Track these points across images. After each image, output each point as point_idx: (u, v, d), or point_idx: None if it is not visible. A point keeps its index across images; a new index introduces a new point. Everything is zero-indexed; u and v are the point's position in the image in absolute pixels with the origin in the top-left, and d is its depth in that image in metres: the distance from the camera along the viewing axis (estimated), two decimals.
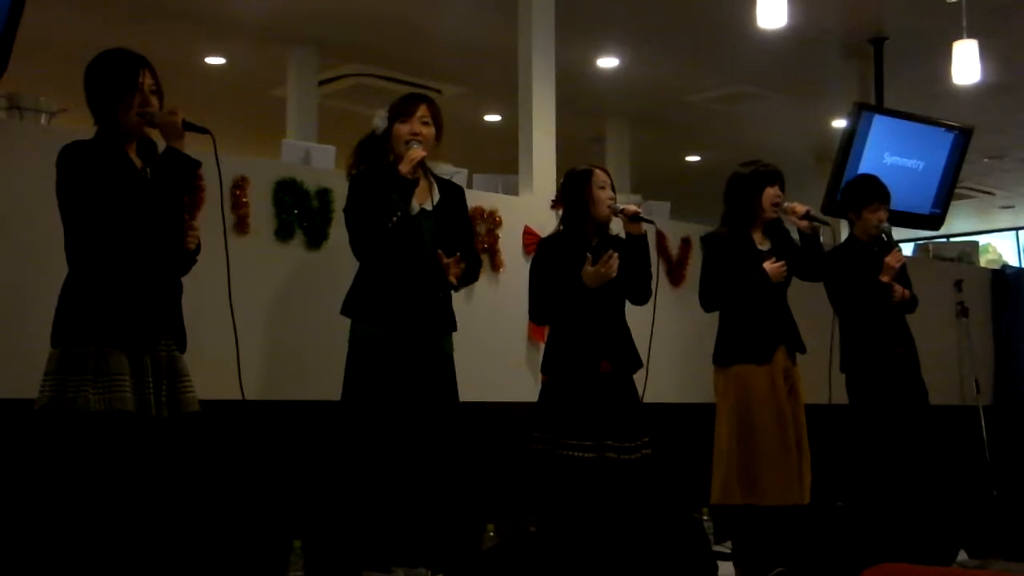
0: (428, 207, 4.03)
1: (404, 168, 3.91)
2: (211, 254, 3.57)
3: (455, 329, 4.09)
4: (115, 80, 3.29)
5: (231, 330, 3.57)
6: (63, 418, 3.13)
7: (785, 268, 4.53)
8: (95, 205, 3.20)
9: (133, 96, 3.29)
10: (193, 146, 3.37)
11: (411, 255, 3.94)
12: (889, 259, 5.07)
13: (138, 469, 3.20)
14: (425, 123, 4.02)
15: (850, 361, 5.16)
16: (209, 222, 4.03)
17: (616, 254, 4.16)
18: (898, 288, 5.10)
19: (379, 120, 4.04)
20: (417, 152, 3.93)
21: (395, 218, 3.87)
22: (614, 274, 4.16)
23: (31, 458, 3.36)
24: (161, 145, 3.38)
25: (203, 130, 3.37)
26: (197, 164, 3.34)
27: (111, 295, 3.21)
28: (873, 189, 5.22)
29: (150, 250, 3.29)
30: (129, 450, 3.17)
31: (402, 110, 4.03)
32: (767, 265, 4.50)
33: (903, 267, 5.17)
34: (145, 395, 3.22)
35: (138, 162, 3.34)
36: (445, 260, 3.95)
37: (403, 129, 4.00)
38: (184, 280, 3.47)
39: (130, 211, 3.22)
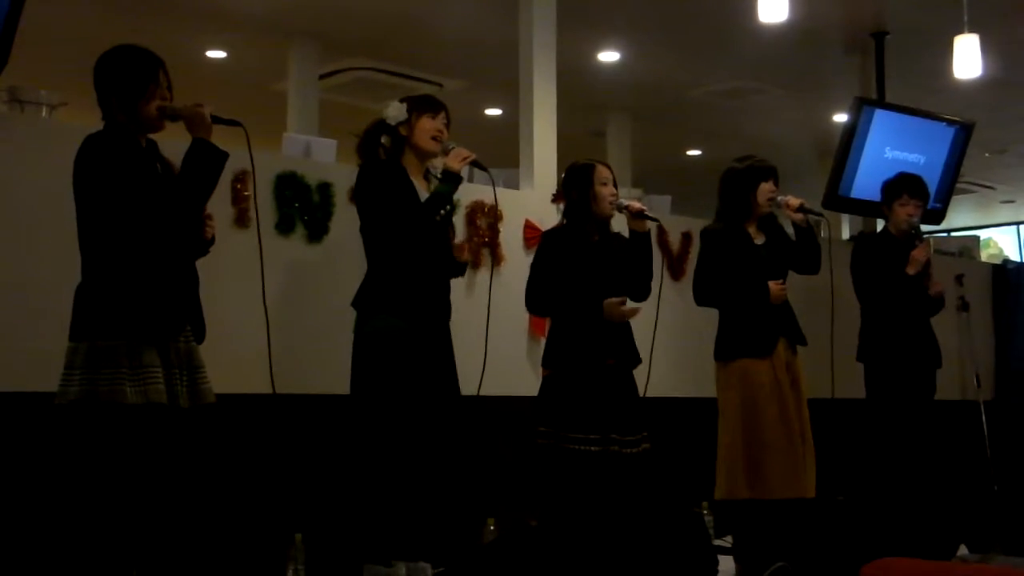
0: None
1: (455, 164, 3.96)
2: (221, 251, 3.58)
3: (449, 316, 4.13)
4: (136, 74, 3.28)
5: (240, 324, 3.58)
6: (98, 412, 3.11)
7: (786, 290, 4.56)
8: (122, 194, 3.17)
9: (155, 90, 3.28)
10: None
11: (439, 247, 4.00)
12: (915, 252, 5.14)
13: (166, 459, 3.21)
14: (445, 124, 4.07)
15: (868, 352, 5.19)
16: (225, 222, 4.04)
17: (640, 307, 4.25)
18: (936, 282, 5.16)
19: (396, 111, 4.03)
20: (467, 152, 3.99)
21: (443, 212, 3.94)
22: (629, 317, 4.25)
23: (62, 452, 3.35)
24: (164, 144, 3.38)
25: (233, 123, 3.38)
26: (225, 156, 3.33)
27: (138, 287, 3.19)
28: (905, 183, 5.28)
29: (173, 241, 3.28)
30: (164, 441, 3.19)
31: (429, 106, 4.08)
32: (772, 284, 4.51)
33: (928, 263, 5.21)
34: (173, 386, 3.23)
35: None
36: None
37: (430, 125, 4.04)
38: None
39: (153, 203, 3.20)
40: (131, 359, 3.14)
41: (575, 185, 4.35)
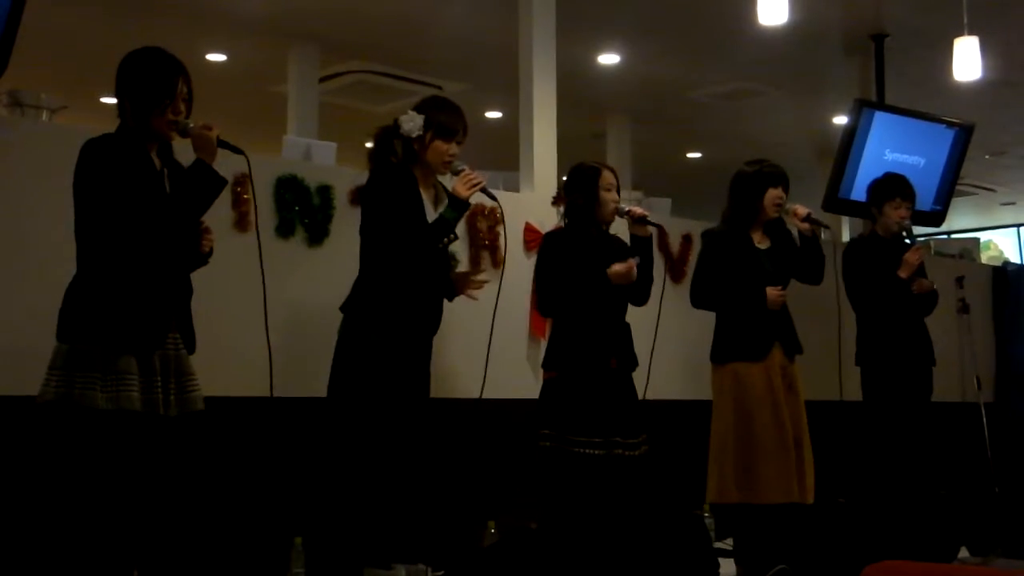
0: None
1: (464, 191, 3.91)
2: (220, 254, 3.58)
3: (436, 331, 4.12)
4: (155, 84, 3.28)
5: (239, 326, 3.58)
6: (69, 415, 3.13)
7: (784, 297, 4.55)
8: (115, 201, 3.18)
9: (170, 103, 3.28)
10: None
11: (440, 267, 4.00)
12: (908, 256, 5.11)
13: (145, 467, 3.20)
14: (459, 143, 4.00)
15: (865, 356, 5.19)
16: (224, 225, 4.03)
17: (636, 259, 4.23)
18: (920, 280, 5.14)
19: (411, 124, 3.93)
20: (477, 176, 3.93)
21: (447, 240, 3.90)
22: (634, 278, 4.20)
23: (35, 453, 3.36)
24: (178, 149, 3.38)
25: (238, 150, 3.38)
26: (224, 183, 3.33)
27: (122, 293, 3.20)
28: (897, 185, 5.27)
29: (164, 250, 3.28)
30: (135, 448, 3.18)
31: (448, 128, 3.97)
32: (770, 290, 4.51)
33: (921, 265, 5.20)
34: (153, 394, 3.22)
35: (157, 162, 3.35)
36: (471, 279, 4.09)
37: (444, 148, 3.95)
38: (192, 278, 3.47)
39: (149, 210, 3.21)
40: (105, 365, 3.14)
41: (579, 188, 4.33)
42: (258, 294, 3.53)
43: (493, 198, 4.09)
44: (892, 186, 5.28)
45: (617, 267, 4.20)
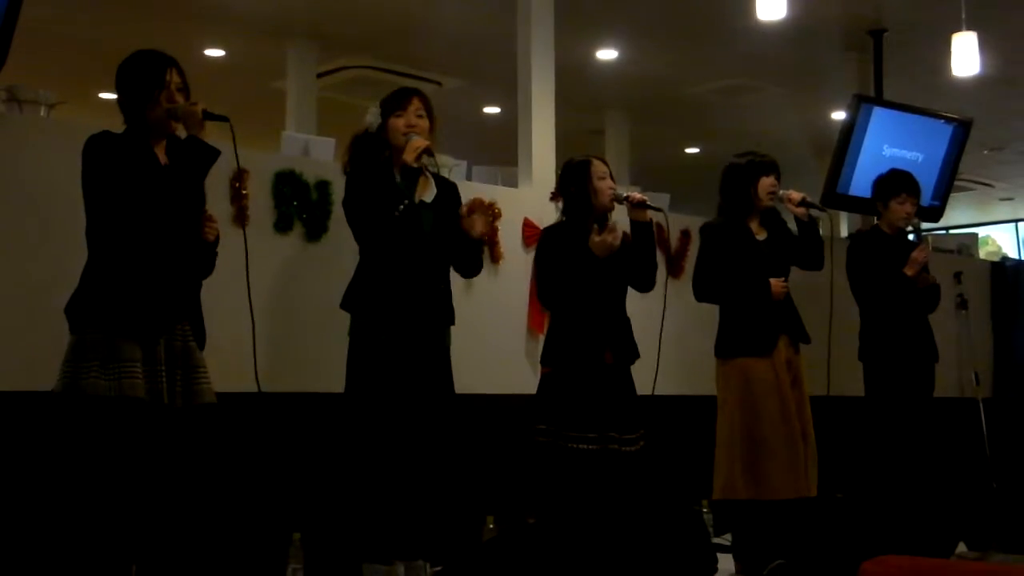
0: (427, 199, 4.03)
1: (409, 157, 3.90)
2: (219, 248, 3.58)
3: (453, 322, 4.09)
4: (143, 78, 3.34)
5: (236, 322, 3.58)
6: (76, 403, 3.16)
7: (787, 288, 4.55)
8: (114, 194, 3.23)
9: (160, 93, 3.33)
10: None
11: (414, 245, 3.94)
12: (916, 253, 5.12)
13: (146, 455, 3.22)
14: (420, 116, 4.01)
15: (869, 351, 5.19)
16: (222, 221, 4.02)
17: (617, 223, 4.20)
18: (923, 274, 5.14)
19: (371, 117, 4.02)
20: (421, 141, 3.93)
21: (402, 207, 3.87)
22: (618, 243, 4.17)
23: (45, 443, 3.38)
24: None
25: (222, 118, 3.41)
26: (216, 153, 3.37)
27: (125, 283, 3.24)
28: (903, 181, 5.27)
29: (167, 240, 3.31)
30: (138, 436, 3.19)
31: (396, 104, 4.02)
32: (774, 281, 4.51)
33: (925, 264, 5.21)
34: (157, 383, 3.24)
35: (164, 159, 3.37)
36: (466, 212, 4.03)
37: (399, 122, 3.99)
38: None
39: (149, 202, 3.24)
40: (109, 352, 3.17)
41: (573, 181, 4.34)
42: (256, 288, 3.54)
43: (430, 154, 4.01)
44: (898, 182, 5.28)
45: (595, 237, 4.19)
